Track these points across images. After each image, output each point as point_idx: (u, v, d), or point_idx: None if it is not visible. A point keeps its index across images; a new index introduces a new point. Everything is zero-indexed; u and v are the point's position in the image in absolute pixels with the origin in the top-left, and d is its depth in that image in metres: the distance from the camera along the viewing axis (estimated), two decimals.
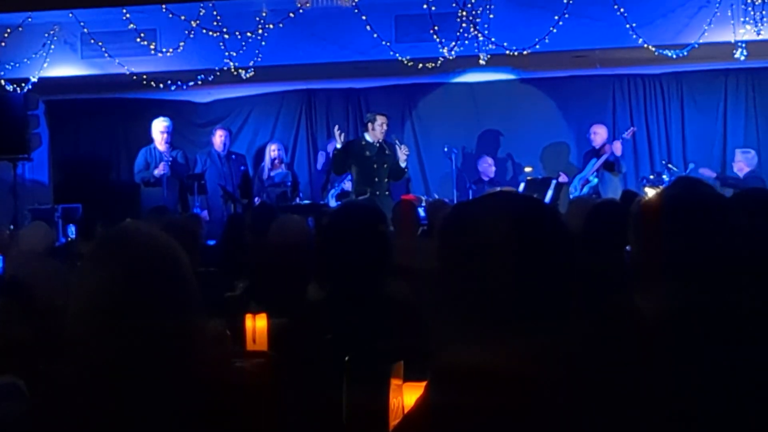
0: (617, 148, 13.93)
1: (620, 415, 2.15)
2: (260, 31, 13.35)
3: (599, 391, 2.09)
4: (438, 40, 12.96)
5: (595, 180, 13.88)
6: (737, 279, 2.74)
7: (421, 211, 10.83)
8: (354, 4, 13.02)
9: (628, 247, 3.12)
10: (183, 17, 13.25)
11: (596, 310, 2.85)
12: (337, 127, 12.87)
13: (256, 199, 13.77)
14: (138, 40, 13.55)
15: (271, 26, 13.32)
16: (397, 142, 12.66)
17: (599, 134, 14.32)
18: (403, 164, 12.56)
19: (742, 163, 13.58)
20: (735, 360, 2.57)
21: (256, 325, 4.94)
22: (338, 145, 12.53)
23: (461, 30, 12.91)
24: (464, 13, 12.83)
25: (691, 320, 2.67)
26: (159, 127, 13.92)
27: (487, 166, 14.77)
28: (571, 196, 13.68)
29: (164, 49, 13.65)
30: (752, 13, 12.43)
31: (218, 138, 14.55)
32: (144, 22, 13.52)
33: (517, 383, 1.91)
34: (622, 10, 12.59)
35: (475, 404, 1.91)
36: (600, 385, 2.14)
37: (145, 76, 13.84)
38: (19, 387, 3.34)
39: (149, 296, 2.33)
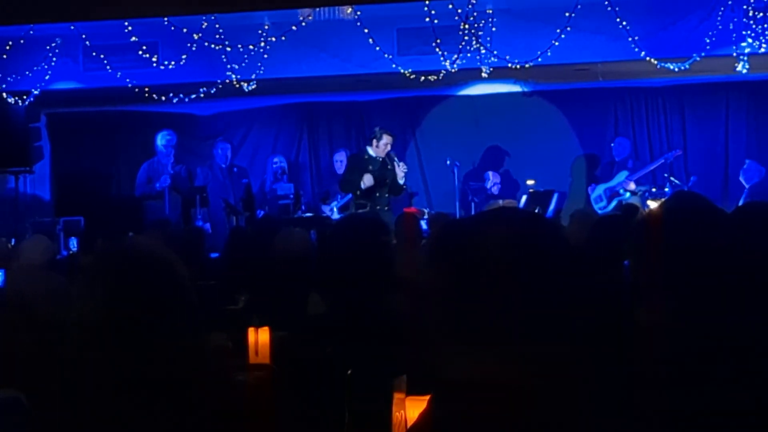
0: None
1: (621, 428, 2.15)
2: (262, 44, 13.36)
3: (600, 405, 2.08)
4: (440, 52, 12.97)
5: (627, 195, 13.79)
6: (736, 293, 2.73)
7: (424, 224, 10.83)
8: (356, 17, 13.03)
9: (626, 261, 3.10)
10: (185, 30, 13.26)
11: (597, 324, 2.84)
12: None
13: (259, 212, 13.76)
14: (140, 52, 13.57)
15: (274, 39, 13.32)
16: (396, 159, 12.65)
17: (622, 147, 14.37)
18: (401, 181, 12.55)
19: (753, 172, 13.56)
20: (734, 374, 2.57)
21: (259, 338, 4.94)
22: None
23: (463, 43, 12.92)
24: (466, 26, 12.83)
25: (690, 334, 2.66)
26: (162, 140, 13.94)
27: (490, 179, 14.78)
28: (596, 207, 13.71)
29: (166, 62, 13.67)
30: (754, 26, 12.44)
31: (220, 151, 14.57)
32: (146, 35, 13.52)
33: (520, 397, 1.90)
34: (624, 23, 12.60)
35: (479, 419, 1.90)
36: (601, 398, 2.13)
37: (147, 89, 13.85)
38: (21, 400, 3.33)
39: (148, 310, 2.33)
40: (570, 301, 1.97)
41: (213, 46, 13.39)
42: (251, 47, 13.39)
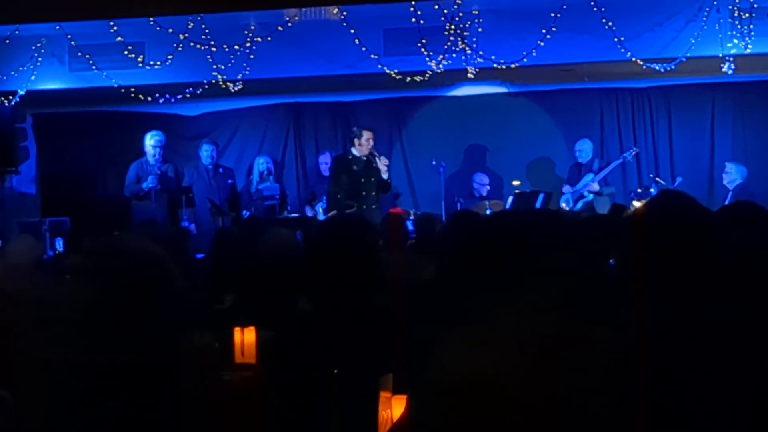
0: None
1: (604, 428, 2.15)
2: (248, 45, 13.36)
3: (583, 406, 2.09)
4: (426, 53, 12.99)
5: (591, 196, 13.86)
6: (720, 290, 2.74)
7: (410, 225, 10.83)
8: (342, 17, 13.03)
9: (611, 260, 3.11)
10: (171, 30, 13.24)
11: (583, 323, 2.85)
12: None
13: (245, 212, 13.74)
14: (126, 53, 13.55)
15: (260, 39, 13.32)
16: (375, 153, 12.65)
17: (585, 149, 14.37)
18: (385, 176, 12.56)
19: (734, 174, 13.60)
20: (721, 371, 2.58)
21: (245, 338, 4.93)
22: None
23: (449, 43, 12.94)
24: (452, 27, 12.85)
25: (676, 332, 2.67)
26: (151, 140, 13.92)
27: (476, 180, 14.79)
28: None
29: (152, 62, 13.65)
30: (740, 27, 12.48)
31: (206, 151, 14.53)
32: (132, 35, 13.51)
33: (502, 397, 1.91)
34: (610, 23, 12.64)
35: (457, 417, 1.91)
36: (585, 399, 2.14)
37: (133, 89, 13.83)
38: (7, 400, 3.32)
39: (138, 308, 2.33)
40: (558, 302, 1.98)
41: (199, 46, 13.39)
42: (237, 47, 13.38)
